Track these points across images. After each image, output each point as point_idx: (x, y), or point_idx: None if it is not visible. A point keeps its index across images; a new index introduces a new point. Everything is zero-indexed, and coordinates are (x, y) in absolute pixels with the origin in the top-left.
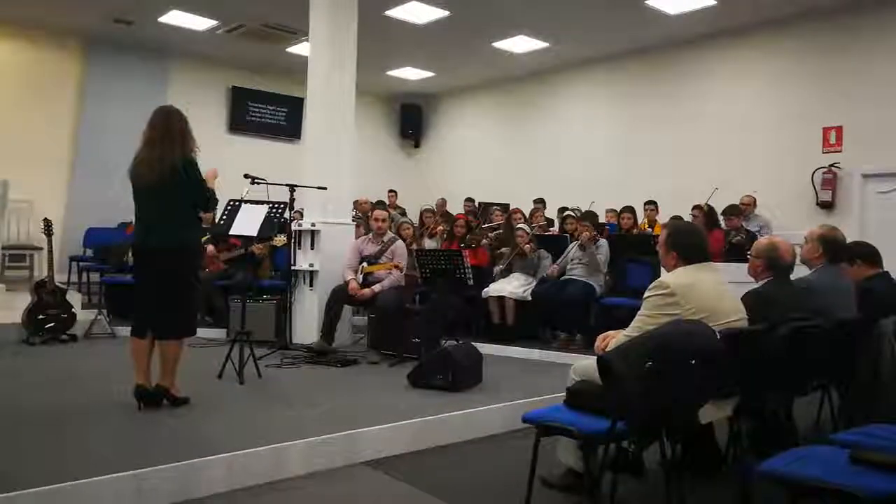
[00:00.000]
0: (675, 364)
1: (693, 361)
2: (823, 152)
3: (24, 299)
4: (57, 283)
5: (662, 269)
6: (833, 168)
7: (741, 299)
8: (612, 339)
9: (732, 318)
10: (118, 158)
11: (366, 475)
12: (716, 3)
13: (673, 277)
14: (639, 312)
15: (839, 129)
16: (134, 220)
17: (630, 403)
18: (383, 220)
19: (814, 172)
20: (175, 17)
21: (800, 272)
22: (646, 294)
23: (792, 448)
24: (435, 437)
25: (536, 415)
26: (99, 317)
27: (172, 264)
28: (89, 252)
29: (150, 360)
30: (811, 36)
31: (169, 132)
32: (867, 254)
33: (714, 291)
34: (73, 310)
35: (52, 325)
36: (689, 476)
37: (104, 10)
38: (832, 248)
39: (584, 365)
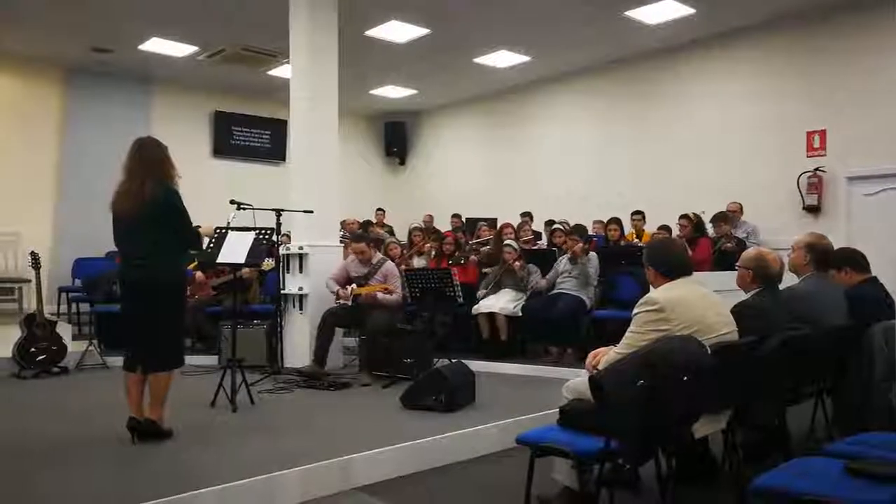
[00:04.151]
0: (667, 381)
1: (685, 378)
2: (808, 156)
3: (13, 333)
4: (46, 316)
5: (651, 285)
6: (818, 172)
7: (731, 311)
8: (603, 355)
9: (722, 332)
10: (103, 188)
11: (361, 501)
12: (695, 11)
13: (661, 293)
14: (629, 329)
15: (822, 133)
16: (118, 252)
17: (623, 423)
18: (362, 252)
19: (799, 177)
20: (155, 45)
21: (788, 281)
22: (635, 310)
23: (786, 459)
24: (430, 459)
25: (530, 436)
26: (90, 348)
27: (154, 299)
28: (79, 282)
29: (143, 392)
30: (790, 41)
31: (143, 162)
32: (855, 260)
33: (702, 305)
34: (63, 342)
35: (42, 357)
36: (686, 489)
37: (83, 39)
38: (820, 255)
39: (576, 383)
